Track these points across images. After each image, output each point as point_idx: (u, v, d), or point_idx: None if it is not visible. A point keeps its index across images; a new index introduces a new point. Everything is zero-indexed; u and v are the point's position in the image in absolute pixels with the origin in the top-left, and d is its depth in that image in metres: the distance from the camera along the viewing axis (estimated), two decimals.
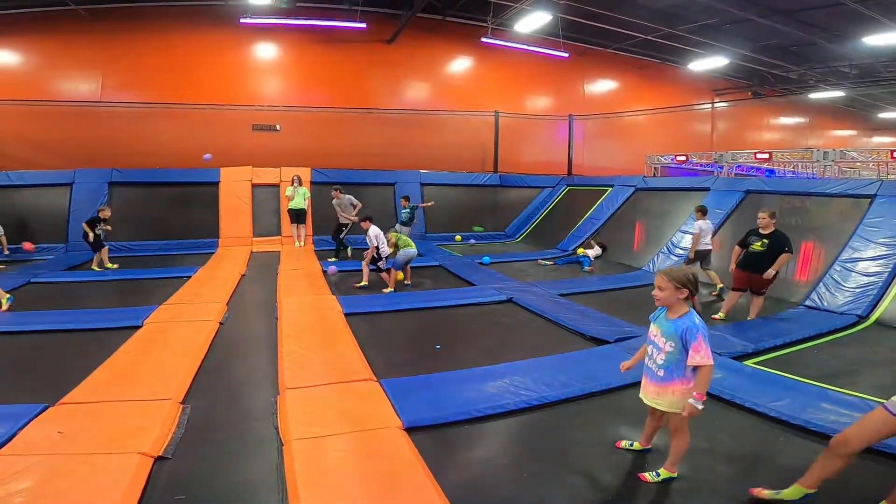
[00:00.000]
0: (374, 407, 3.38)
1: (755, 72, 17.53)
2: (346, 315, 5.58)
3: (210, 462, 2.83)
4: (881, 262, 6.26)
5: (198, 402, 3.54)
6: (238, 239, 10.80)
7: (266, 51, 13.20)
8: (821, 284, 6.48)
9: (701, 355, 2.40)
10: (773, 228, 5.57)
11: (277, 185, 11.60)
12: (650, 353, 2.63)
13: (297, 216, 10.72)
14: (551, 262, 9.41)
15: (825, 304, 6.22)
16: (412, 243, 7.34)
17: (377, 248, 7.06)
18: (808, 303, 6.38)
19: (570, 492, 2.61)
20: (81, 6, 11.08)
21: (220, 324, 5.33)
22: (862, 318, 5.76)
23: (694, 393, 2.42)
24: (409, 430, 3.11)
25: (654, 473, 2.68)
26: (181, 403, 3.47)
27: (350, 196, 9.90)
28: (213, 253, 9.91)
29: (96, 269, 8.24)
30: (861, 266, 6.36)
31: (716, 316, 5.79)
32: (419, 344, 5.06)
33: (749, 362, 4.37)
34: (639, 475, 2.70)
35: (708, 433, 3.11)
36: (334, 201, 9.83)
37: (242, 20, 11.64)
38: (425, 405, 3.40)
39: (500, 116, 14.40)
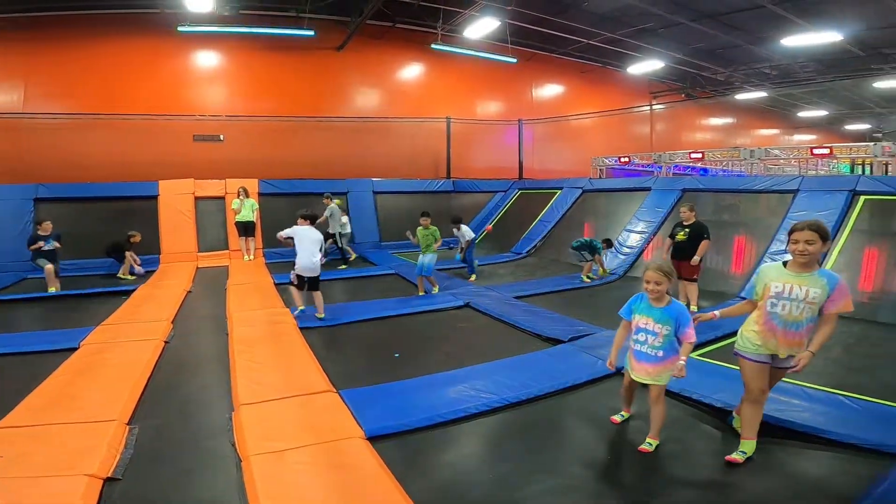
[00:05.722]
0: (335, 418, 3.33)
1: (687, 74, 18.58)
2: (301, 328, 5.46)
3: (166, 481, 2.73)
4: None
5: (147, 422, 3.38)
6: (182, 255, 10.29)
7: (208, 59, 12.73)
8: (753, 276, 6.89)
9: (693, 332, 2.90)
10: (694, 220, 6.17)
11: (223, 198, 11.18)
12: (643, 339, 2.99)
13: (246, 229, 10.36)
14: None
15: None
16: (432, 249, 7.07)
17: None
18: (742, 294, 6.72)
19: (537, 489, 2.66)
20: None
21: (166, 342, 5.08)
22: None
23: (682, 358, 2.85)
24: (372, 439, 3.08)
25: (647, 444, 2.99)
26: (127, 424, 3.30)
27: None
28: (154, 270, 9.40)
29: (130, 277, 8.89)
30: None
31: (693, 308, 5.98)
32: (377, 353, 5.00)
33: (693, 354, 4.56)
34: (639, 449, 2.98)
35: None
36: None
37: (181, 28, 11.18)
38: (387, 413, 3.38)
39: (452, 122, 14.53)
